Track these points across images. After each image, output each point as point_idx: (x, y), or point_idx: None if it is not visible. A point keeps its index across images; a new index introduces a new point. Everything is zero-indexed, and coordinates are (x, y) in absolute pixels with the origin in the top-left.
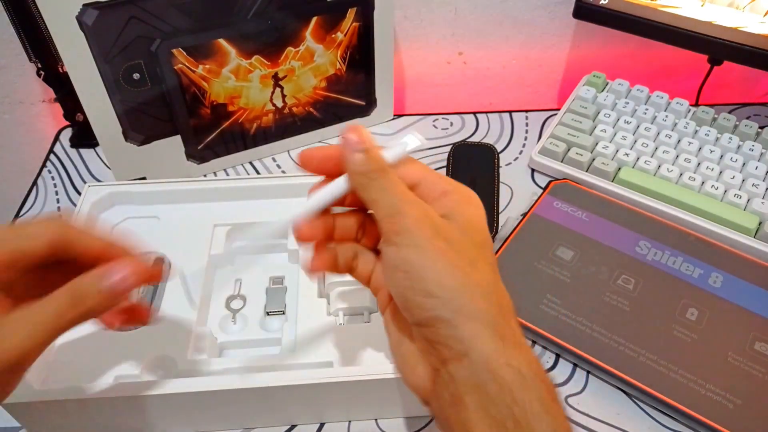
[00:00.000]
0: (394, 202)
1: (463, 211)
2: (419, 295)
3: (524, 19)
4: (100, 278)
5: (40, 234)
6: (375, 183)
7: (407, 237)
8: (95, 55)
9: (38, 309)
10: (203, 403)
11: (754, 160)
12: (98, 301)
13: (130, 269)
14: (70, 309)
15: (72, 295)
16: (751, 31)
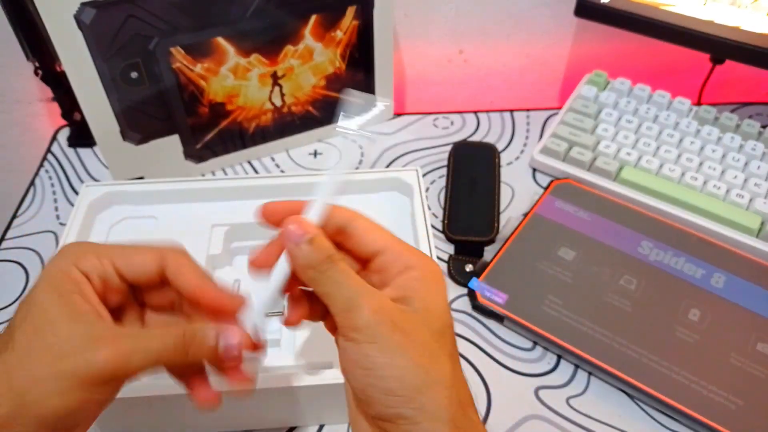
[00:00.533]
0: (348, 295)
1: (424, 294)
2: (380, 393)
3: (525, 18)
4: (217, 334)
5: (150, 253)
6: (325, 276)
7: (365, 333)
8: (93, 53)
9: (147, 335)
10: None
11: (756, 159)
12: (206, 355)
13: (246, 339)
14: (178, 351)
15: (186, 337)
16: (753, 30)
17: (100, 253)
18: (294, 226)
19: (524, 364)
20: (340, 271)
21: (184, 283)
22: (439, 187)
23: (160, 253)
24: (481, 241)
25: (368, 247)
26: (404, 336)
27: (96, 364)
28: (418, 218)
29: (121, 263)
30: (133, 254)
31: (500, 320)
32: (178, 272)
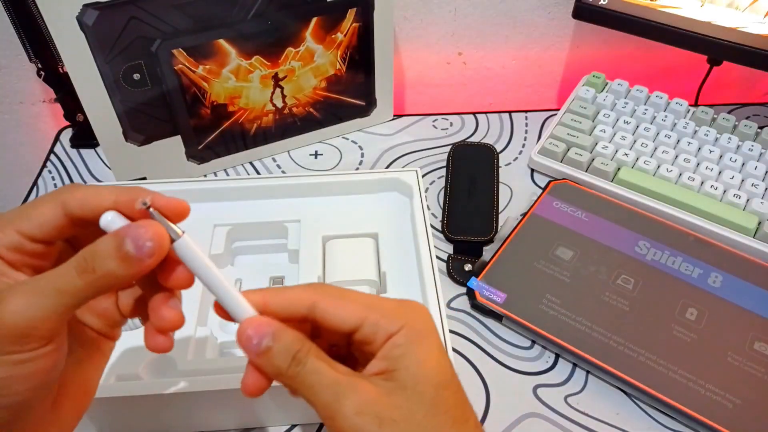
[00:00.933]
0: (326, 399)
1: (410, 360)
2: None
3: (524, 20)
4: (117, 236)
5: (45, 202)
6: (297, 381)
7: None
8: (95, 55)
9: (45, 274)
10: (203, 403)
11: (753, 160)
12: (117, 263)
13: (155, 227)
14: (82, 272)
15: (84, 257)
16: (750, 32)
17: (1, 222)
18: (250, 331)
19: (523, 362)
20: (311, 372)
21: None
22: (438, 188)
23: (55, 196)
24: (479, 241)
25: (342, 327)
26: (392, 427)
27: (6, 322)
28: (417, 218)
29: (24, 226)
30: (30, 212)
31: (499, 319)
32: (85, 203)
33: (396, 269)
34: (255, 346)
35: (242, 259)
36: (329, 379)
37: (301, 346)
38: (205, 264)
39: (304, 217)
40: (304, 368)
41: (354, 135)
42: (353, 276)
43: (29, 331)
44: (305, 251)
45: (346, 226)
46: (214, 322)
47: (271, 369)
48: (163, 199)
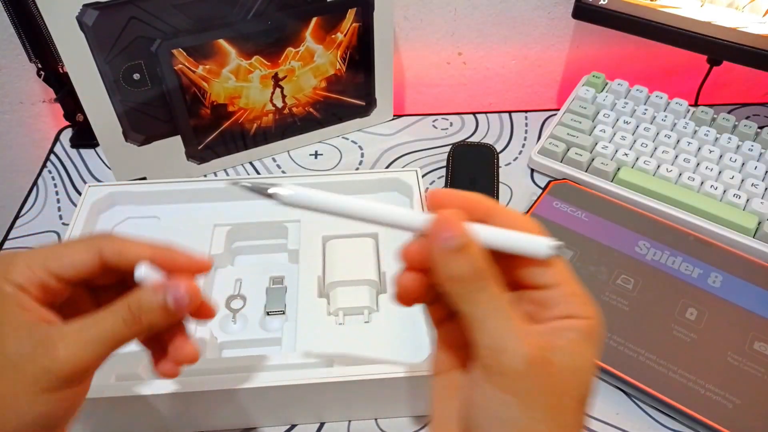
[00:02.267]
0: (498, 331)
1: (573, 358)
2: None
3: (524, 20)
4: (161, 291)
5: (81, 246)
6: (472, 297)
7: (511, 386)
8: (95, 55)
9: (95, 321)
10: (203, 403)
11: (753, 160)
12: (160, 316)
13: (191, 285)
14: (130, 323)
15: (131, 308)
16: (750, 32)
17: (31, 261)
18: (444, 227)
19: None
20: (493, 297)
21: (134, 256)
22: (438, 188)
23: (92, 242)
24: None
25: (535, 279)
26: (553, 400)
27: (53, 369)
28: None
29: (54, 266)
30: (64, 252)
31: None
32: (120, 254)
33: (396, 269)
34: (446, 240)
35: (242, 259)
36: (508, 314)
37: (489, 270)
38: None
39: (304, 217)
40: (486, 289)
41: (354, 135)
42: (353, 276)
43: (80, 374)
44: (305, 251)
45: (346, 226)
46: (215, 322)
47: (448, 271)
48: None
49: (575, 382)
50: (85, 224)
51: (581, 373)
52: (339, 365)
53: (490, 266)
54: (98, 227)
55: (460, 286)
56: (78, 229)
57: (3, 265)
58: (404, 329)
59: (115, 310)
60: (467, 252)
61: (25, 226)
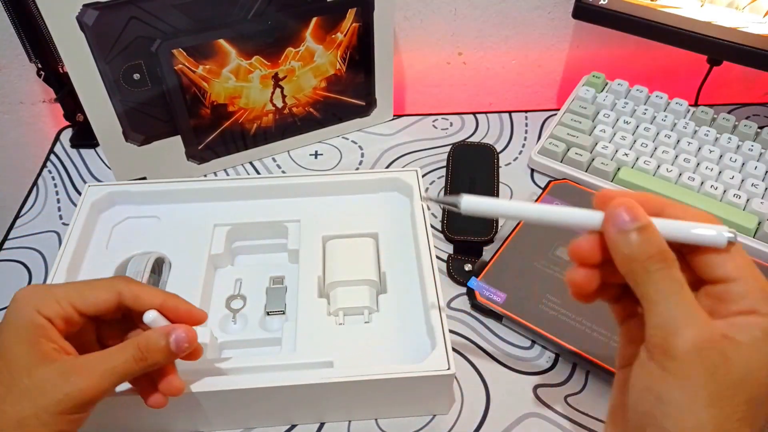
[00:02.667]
0: (673, 313)
1: (752, 356)
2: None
3: (524, 20)
4: (166, 335)
5: (103, 287)
6: (650, 276)
7: (677, 368)
8: (95, 55)
9: (110, 356)
10: (203, 403)
11: (753, 160)
12: (163, 356)
13: (192, 333)
14: (138, 360)
15: (140, 347)
16: (750, 32)
17: (59, 296)
18: (622, 210)
19: (523, 362)
20: (671, 278)
21: (147, 303)
22: (438, 188)
23: (112, 285)
24: (479, 241)
25: (715, 272)
26: (720, 390)
27: (73, 395)
28: (417, 218)
29: (78, 303)
30: (88, 292)
31: (499, 319)
32: (136, 299)
33: (396, 269)
34: (624, 223)
35: (242, 259)
36: (685, 297)
37: (671, 253)
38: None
39: (304, 217)
40: (666, 270)
41: (354, 135)
42: (353, 276)
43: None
44: (305, 251)
45: (346, 226)
46: (215, 323)
47: (628, 250)
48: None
49: (751, 381)
50: (85, 224)
51: (757, 373)
52: (339, 365)
53: (671, 252)
54: (98, 227)
55: (639, 266)
56: (78, 229)
57: (37, 298)
58: (404, 329)
59: (126, 349)
60: (647, 231)
61: (25, 226)
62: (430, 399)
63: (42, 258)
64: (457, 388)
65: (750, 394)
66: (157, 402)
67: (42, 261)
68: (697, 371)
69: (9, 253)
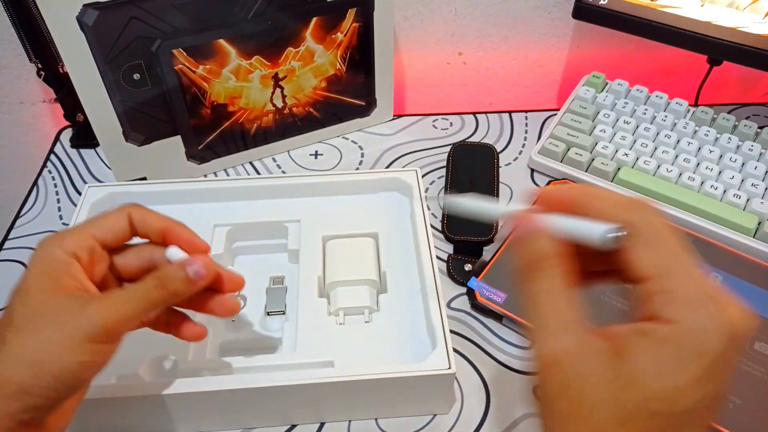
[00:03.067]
0: (534, 323)
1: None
2: None
3: (524, 20)
4: (183, 266)
5: (115, 213)
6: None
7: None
8: (95, 55)
9: (131, 288)
10: (203, 403)
11: (753, 160)
12: (182, 284)
13: (208, 261)
14: (158, 290)
15: (159, 279)
16: (750, 32)
17: (77, 231)
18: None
19: (523, 362)
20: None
21: (154, 224)
22: (438, 188)
23: (122, 209)
24: (479, 241)
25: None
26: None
27: (95, 320)
28: (417, 218)
29: (97, 232)
30: (102, 220)
31: (499, 319)
32: (144, 220)
33: (396, 269)
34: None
35: (242, 259)
36: (547, 307)
37: (551, 258)
38: None
39: (304, 217)
40: (538, 280)
41: (354, 135)
42: (353, 276)
43: (117, 327)
44: (305, 251)
45: (346, 226)
46: (215, 323)
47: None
48: None
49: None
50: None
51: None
52: (339, 365)
53: (553, 256)
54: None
55: (521, 276)
56: None
57: (58, 236)
58: (404, 329)
59: (146, 280)
60: (529, 240)
61: (25, 226)
62: (431, 399)
63: None
64: (457, 388)
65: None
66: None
67: None
68: (546, 386)
69: (9, 253)
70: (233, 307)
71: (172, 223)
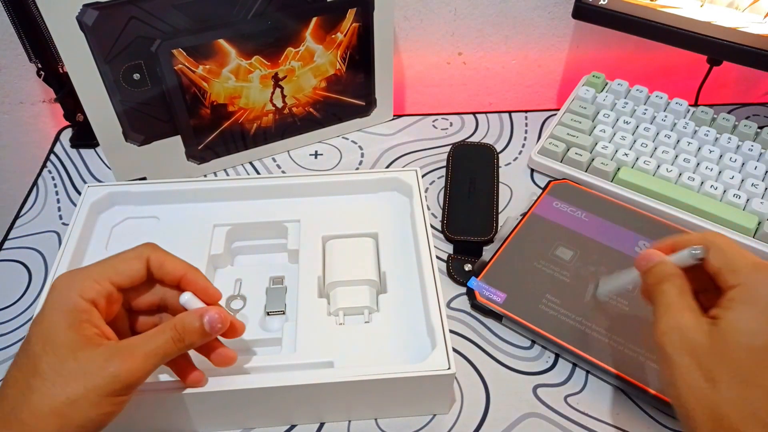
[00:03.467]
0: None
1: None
2: None
3: (524, 20)
4: (200, 317)
5: (133, 256)
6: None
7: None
8: (95, 55)
9: (150, 338)
10: (203, 404)
11: (753, 160)
12: (198, 336)
13: (224, 313)
14: (176, 341)
15: (177, 328)
16: (750, 32)
17: (96, 275)
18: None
19: (522, 362)
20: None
21: (170, 272)
22: (438, 188)
23: (141, 253)
24: (479, 241)
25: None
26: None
27: (119, 377)
28: (417, 218)
29: (114, 277)
30: (121, 264)
31: (499, 319)
32: (162, 267)
33: (396, 269)
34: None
35: (242, 259)
36: (668, 301)
37: (674, 273)
38: None
39: (304, 217)
40: (667, 283)
41: (354, 135)
42: (353, 276)
43: (138, 383)
44: (305, 251)
45: (346, 226)
46: None
47: (647, 279)
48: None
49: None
50: (85, 224)
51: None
52: (339, 365)
53: (676, 275)
54: (98, 227)
55: (646, 283)
56: (78, 229)
57: (77, 282)
58: (404, 329)
59: (165, 331)
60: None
61: (25, 226)
62: (431, 399)
63: (42, 258)
64: (457, 388)
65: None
66: (196, 379)
67: (42, 261)
68: (681, 352)
69: (9, 253)
70: (231, 358)
71: (188, 270)
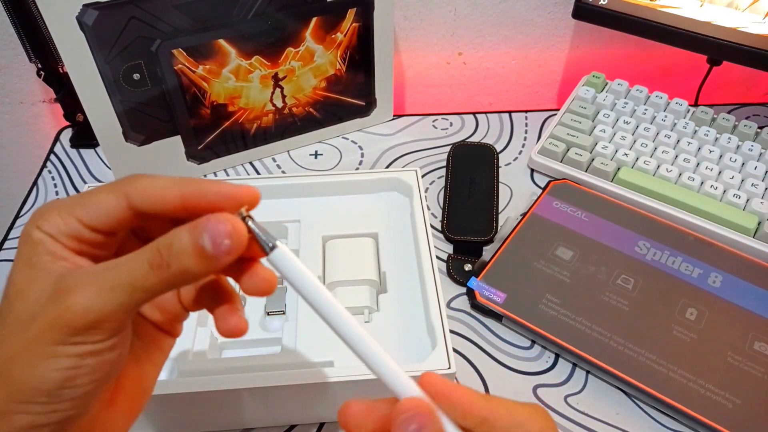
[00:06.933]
0: None
1: None
2: None
3: (524, 20)
4: (193, 229)
5: (106, 191)
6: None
7: None
8: (95, 55)
9: (115, 265)
10: (203, 403)
11: (753, 160)
12: (192, 259)
13: (235, 222)
14: (156, 267)
15: (158, 250)
16: (750, 32)
17: (62, 209)
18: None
19: (523, 362)
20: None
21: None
22: (438, 188)
23: (117, 186)
24: (479, 241)
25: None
26: None
27: (70, 313)
28: (417, 218)
29: (81, 213)
30: (88, 200)
31: (499, 319)
32: (144, 196)
33: (396, 269)
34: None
35: None
36: None
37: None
38: (302, 272)
39: (304, 217)
40: None
41: (354, 135)
42: (353, 276)
43: (98, 323)
44: (305, 251)
45: (346, 226)
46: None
47: None
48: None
49: None
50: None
51: None
52: (339, 365)
53: None
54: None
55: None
56: None
57: (37, 215)
58: (404, 329)
59: (141, 252)
60: None
61: None
62: None
63: None
64: None
65: None
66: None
67: None
68: None
69: (9, 253)
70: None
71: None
